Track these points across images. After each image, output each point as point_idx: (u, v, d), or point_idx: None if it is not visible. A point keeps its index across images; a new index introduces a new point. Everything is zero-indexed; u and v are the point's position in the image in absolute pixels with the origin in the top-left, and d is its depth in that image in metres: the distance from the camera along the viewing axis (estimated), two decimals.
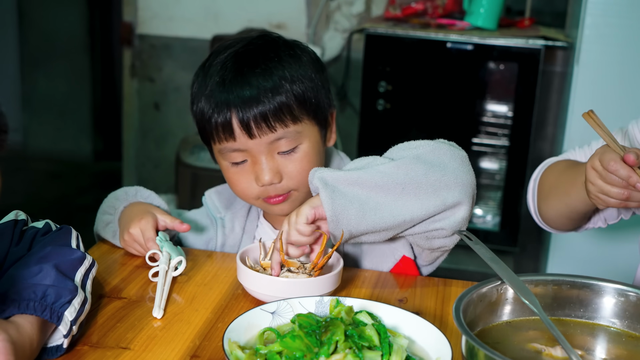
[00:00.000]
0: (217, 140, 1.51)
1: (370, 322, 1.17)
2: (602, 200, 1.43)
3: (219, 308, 1.36)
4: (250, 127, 1.46)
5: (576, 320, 1.25)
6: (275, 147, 1.50)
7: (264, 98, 1.46)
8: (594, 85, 2.84)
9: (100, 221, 1.67)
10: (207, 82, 1.50)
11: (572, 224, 1.69)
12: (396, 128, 3.41)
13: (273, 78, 1.48)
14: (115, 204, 1.65)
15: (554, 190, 1.65)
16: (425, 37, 3.28)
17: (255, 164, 1.51)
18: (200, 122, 1.53)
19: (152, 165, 4.18)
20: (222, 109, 1.47)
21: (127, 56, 4.09)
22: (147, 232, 1.54)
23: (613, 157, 1.37)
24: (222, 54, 1.53)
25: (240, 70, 1.49)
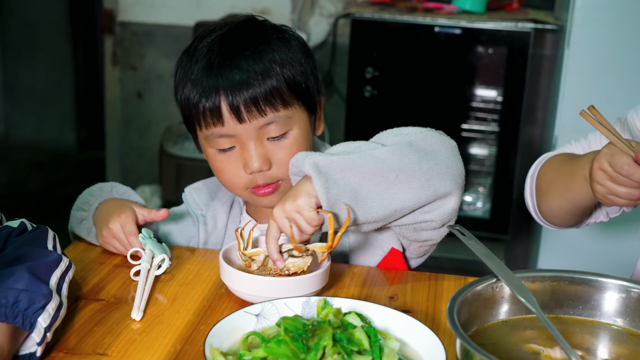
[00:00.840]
0: (205, 125, 1.45)
1: (360, 324, 1.12)
2: (611, 200, 1.37)
3: (202, 309, 1.30)
4: (240, 112, 1.42)
5: (575, 318, 1.20)
6: (265, 133, 1.45)
7: (254, 81, 1.42)
8: (585, 68, 2.79)
9: (74, 218, 1.61)
10: (192, 67, 1.45)
11: (574, 219, 1.64)
12: (384, 115, 3.35)
13: (263, 61, 1.44)
14: (89, 200, 1.59)
15: (553, 186, 1.59)
16: (413, 21, 3.22)
17: (243, 150, 1.45)
18: (186, 109, 1.47)
19: (135, 155, 4.11)
20: (210, 93, 1.42)
21: (109, 44, 4.01)
22: (127, 227, 1.47)
23: (626, 161, 1.31)
24: (207, 37, 1.48)
25: (228, 53, 1.44)
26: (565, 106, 2.83)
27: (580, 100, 2.81)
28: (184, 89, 1.46)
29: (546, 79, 3.44)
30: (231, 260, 1.39)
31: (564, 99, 2.82)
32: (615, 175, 1.33)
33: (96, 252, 1.52)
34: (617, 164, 1.31)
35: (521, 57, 3.17)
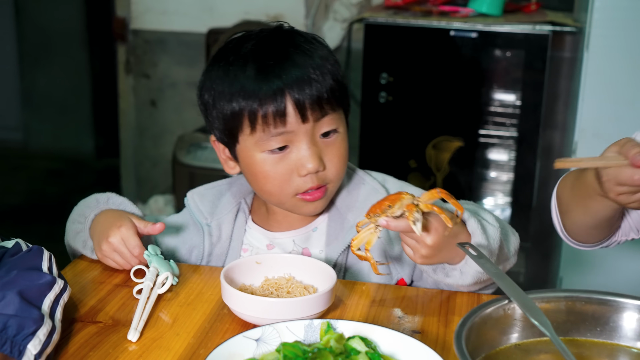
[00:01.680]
0: (263, 128, 1.39)
1: (364, 349, 1.06)
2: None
3: (202, 331, 1.25)
4: (305, 109, 1.39)
5: (593, 340, 1.13)
6: (319, 129, 1.42)
7: (313, 76, 1.40)
8: (605, 71, 2.72)
9: (70, 230, 1.58)
10: (240, 74, 1.40)
11: (600, 234, 1.56)
12: (399, 121, 3.29)
13: (314, 58, 1.42)
14: (85, 212, 1.55)
15: (573, 203, 1.52)
16: (427, 25, 3.15)
17: (298, 151, 1.41)
18: (236, 117, 1.42)
19: (150, 163, 4.08)
20: (275, 93, 1.38)
21: (122, 52, 3.98)
22: (130, 240, 1.43)
23: (631, 173, 1.22)
24: (245, 44, 1.44)
25: (280, 52, 1.41)
26: (585, 110, 2.75)
27: (601, 103, 2.74)
28: (231, 97, 1.41)
29: (566, 82, 3.36)
30: (233, 279, 1.34)
31: (584, 103, 2.75)
32: (632, 188, 1.26)
33: (96, 271, 1.47)
34: (626, 180, 1.23)
35: (539, 60, 3.10)
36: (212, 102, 1.46)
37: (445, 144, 3.28)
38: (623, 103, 2.66)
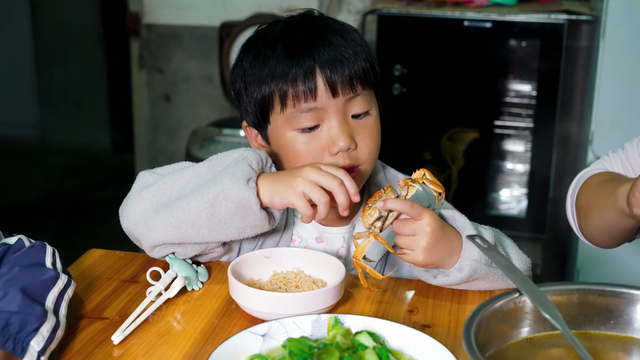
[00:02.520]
0: (293, 103, 1.39)
1: (372, 344, 1.05)
2: None
3: (209, 327, 1.24)
4: (335, 84, 1.38)
5: (606, 334, 1.11)
6: (349, 109, 1.41)
7: (345, 53, 1.40)
8: (622, 60, 2.68)
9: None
10: (268, 56, 1.41)
11: (614, 242, 1.54)
12: (413, 113, 3.26)
13: (347, 38, 1.43)
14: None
15: (592, 207, 1.50)
16: (441, 15, 3.12)
17: (329, 129, 1.40)
18: (266, 96, 1.42)
19: (164, 158, 4.07)
20: (303, 66, 1.38)
21: (135, 47, 3.97)
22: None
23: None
24: (276, 27, 1.45)
25: (312, 32, 1.42)
26: (601, 100, 2.72)
27: (617, 93, 2.70)
28: (262, 78, 1.42)
29: (582, 71, 3.32)
30: (241, 274, 1.33)
31: (600, 92, 2.72)
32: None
33: (104, 266, 1.46)
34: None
35: (555, 50, 3.06)
36: (244, 86, 1.46)
37: (460, 136, 3.25)
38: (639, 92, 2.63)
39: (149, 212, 1.34)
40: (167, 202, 1.33)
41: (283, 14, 1.46)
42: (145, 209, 1.35)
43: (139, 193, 1.36)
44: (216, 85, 3.83)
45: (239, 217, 1.30)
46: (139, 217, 1.35)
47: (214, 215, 1.30)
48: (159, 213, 1.33)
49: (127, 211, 1.37)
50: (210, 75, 3.88)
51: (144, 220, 1.35)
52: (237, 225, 1.32)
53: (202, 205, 1.30)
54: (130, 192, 1.40)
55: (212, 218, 1.31)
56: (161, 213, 1.33)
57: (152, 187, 1.36)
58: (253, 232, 1.34)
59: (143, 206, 1.35)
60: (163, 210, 1.33)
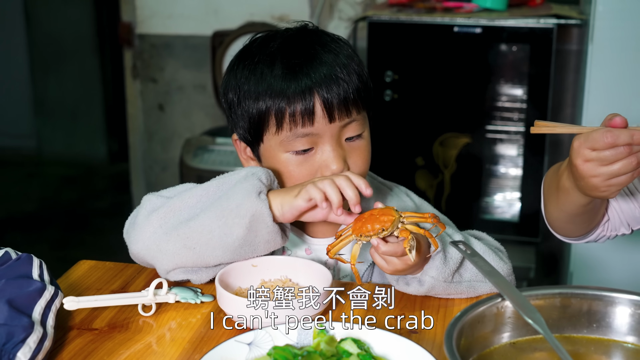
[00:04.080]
0: (290, 127, 1.38)
1: (356, 351, 1.06)
2: (616, 184, 1.23)
3: (198, 337, 1.25)
4: (333, 110, 1.38)
5: (588, 337, 1.12)
6: (344, 133, 1.41)
7: (341, 74, 1.39)
8: (610, 63, 2.69)
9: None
10: (268, 73, 1.40)
11: (575, 229, 1.54)
12: (405, 119, 3.27)
13: (340, 57, 1.42)
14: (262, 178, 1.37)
15: (547, 195, 1.51)
16: (431, 22, 3.13)
17: (322, 152, 1.41)
18: (262, 116, 1.41)
19: (159, 167, 4.09)
20: (303, 92, 1.38)
21: (128, 57, 3.99)
22: None
23: (603, 132, 1.20)
24: (271, 43, 1.44)
25: (308, 51, 1.41)
26: (591, 103, 2.73)
27: (606, 95, 2.71)
28: (258, 96, 1.40)
29: (573, 75, 3.34)
30: (229, 284, 1.34)
31: (590, 95, 2.73)
32: (602, 155, 1.20)
33: (93, 277, 1.47)
34: (598, 140, 1.20)
35: (545, 54, 3.07)
36: (237, 100, 1.45)
37: (452, 141, 3.26)
38: (629, 95, 2.64)
39: (159, 235, 1.34)
40: (178, 223, 1.34)
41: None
42: (155, 233, 1.35)
43: (147, 217, 1.36)
44: (209, 94, 3.85)
45: (253, 232, 1.31)
46: (150, 241, 1.35)
47: (227, 235, 1.31)
48: (171, 236, 1.34)
49: (136, 237, 1.37)
50: (203, 84, 3.89)
51: (156, 244, 1.35)
52: (250, 242, 1.33)
53: (215, 223, 1.31)
54: (136, 217, 1.39)
55: (225, 237, 1.31)
56: (173, 236, 1.33)
57: (160, 210, 1.36)
58: (266, 249, 1.35)
59: (152, 230, 1.35)
60: (174, 232, 1.33)
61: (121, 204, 4.71)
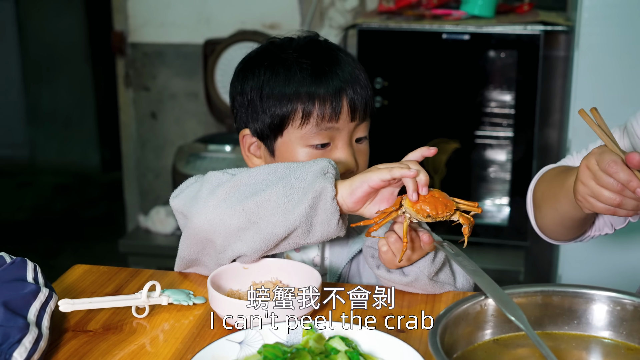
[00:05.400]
0: (318, 120, 1.46)
1: (344, 348, 1.09)
2: (591, 203, 1.31)
3: (190, 337, 1.28)
4: (356, 108, 1.48)
5: (569, 333, 1.16)
6: (356, 133, 1.52)
7: (360, 78, 1.50)
8: (596, 69, 2.73)
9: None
10: (291, 76, 1.48)
11: (568, 233, 1.58)
12: (395, 125, 3.30)
13: (354, 65, 1.52)
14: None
15: (545, 198, 1.55)
16: (420, 29, 3.17)
17: (338, 149, 1.49)
18: (288, 114, 1.47)
19: (152, 175, 4.11)
20: (332, 91, 1.46)
21: (121, 66, 4.02)
22: None
23: (614, 158, 1.25)
24: (290, 44, 1.53)
25: (329, 57, 1.50)
26: (577, 108, 2.74)
27: (592, 101, 2.73)
28: (287, 97, 1.47)
29: (560, 80, 3.38)
30: (220, 285, 1.37)
31: (576, 101, 2.77)
32: (599, 174, 1.27)
33: (88, 281, 1.50)
34: (605, 161, 1.26)
35: (532, 60, 3.11)
36: (258, 98, 1.50)
37: (442, 146, 3.30)
38: (614, 100, 2.68)
39: (223, 209, 1.33)
40: (243, 198, 1.33)
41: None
42: (219, 207, 1.34)
43: (212, 191, 1.35)
44: (202, 102, 3.88)
45: (314, 210, 1.31)
46: (212, 215, 1.34)
47: (289, 212, 1.31)
48: (235, 210, 1.33)
49: (198, 210, 1.36)
50: (195, 92, 3.92)
51: (219, 218, 1.34)
52: (309, 222, 1.32)
53: (280, 199, 1.32)
54: (199, 190, 1.38)
55: (288, 215, 1.31)
56: (237, 210, 1.33)
57: (225, 184, 1.35)
58: (321, 234, 1.34)
59: (215, 204, 1.34)
60: (239, 206, 1.33)
61: (114, 212, 4.73)
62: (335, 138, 1.49)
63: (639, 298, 1.12)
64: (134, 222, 4.00)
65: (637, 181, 1.23)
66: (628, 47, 2.69)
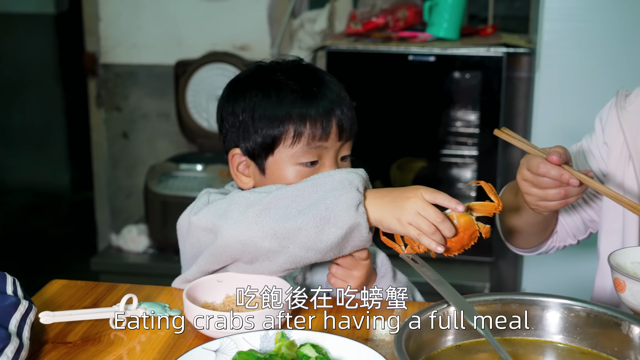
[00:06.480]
0: (309, 140, 1.52)
1: (315, 355, 1.15)
2: (544, 206, 1.42)
3: (167, 347, 1.33)
4: (343, 128, 1.55)
5: (527, 339, 1.23)
6: (341, 152, 1.58)
7: (346, 100, 1.58)
8: (556, 90, 2.83)
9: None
10: (282, 99, 1.54)
11: (533, 240, 1.67)
12: (363, 144, 3.36)
13: (335, 90, 1.58)
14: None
15: (508, 210, 1.64)
16: (387, 51, 3.26)
17: (325, 167, 1.55)
18: (279, 135, 1.54)
19: (124, 195, 4.15)
20: (322, 112, 1.52)
21: (93, 86, 4.06)
22: None
23: (540, 161, 1.38)
24: (278, 67, 1.60)
25: (316, 80, 1.57)
26: (539, 127, 2.86)
27: (553, 121, 2.84)
28: (279, 119, 1.53)
29: (523, 101, 3.48)
30: (195, 298, 1.42)
31: (538, 121, 2.86)
32: (536, 179, 1.38)
33: (66, 295, 1.54)
34: (534, 166, 1.37)
35: (495, 81, 3.21)
36: (250, 119, 1.56)
37: (408, 165, 3.38)
38: (573, 120, 2.77)
39: (255, 232, 1.38)
40: (274, 222, 1.38)
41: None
42: (251, 229, 1.38)
43: (243, 213, 1.39)
44: (173, 122, 3.92)
45: (346, 240, 1.39)
46: (244, 237, 1.39)
47: (321, 241, 1.37)
48: (267, 234, 1.38)
49: (230, 230, 1.40)
50: (167, 113, 3.97)
51: (252, 240, 1.39)
52: (341, 247, 1.40)
53: (312, 229, 1.37)
54: (228, 210, 1.42)
55: (319, 243, 1.38)
56: (269, 234, 1.37)
57: (255, 206, 1.39)
58: (351, 250, 1.43)
59: (247, 226, 1.38)
60: (271, 231, 1.37)
61: (85, 232, 4.74)
62: (323, 156, 1.55)
63: (591, 305, 1.19)
64: (106, 241, 4.03)
65: (567, 173, 1.35)
66: (586, 69, 2.79)
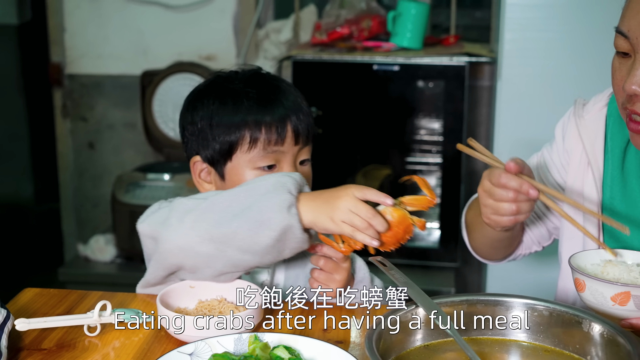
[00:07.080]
0: (265, 144, 1.57)
1: (287, 356, 1.18)
2: (495, 220, 1.44)
3: (141, 352, 1.35)
4: (299, 133, 1.59)
5: (492, 338, 1.27)
6: (300, 156, 1.63)
7: (302, 106, 1.62)
8: (517, 99, 2.89)
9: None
10: (239, 106, 1.58)
11: (498, 253, 1.71)
12: (329, 152, 3.42)
13: (293, 96, 1.63)
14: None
15: (474, 223, 1.68)
16: (352, 60, 3.31)
17: (282, 170, 1.59)
18: (236, 141, 1.58)
19: (90, 205, 4.14)
20: (277, 118, 1.57)
21: (58, 96, 4.06)
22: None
23: (501, 172, 1.40)
24: (234, 79, 1.64)
25: (275, 84, 1.63)
26: (501, 135, 2.92)
27: (514, 129, 2.90)
28: (235, 126, 1.58)
29: (486, 109, 3.54)
30: (169, 304, 1.44)
31: (500, 129, 2.92)
32: (493, 190, 1.40)
33: (39, 303, 1.56)
34: (495, 177, 1.40)
35: (458, 90, 3.27)
36: (208, 127, 1.61)
37: (374, 173, 3.43)
38: (534, 128, 2.82)
39: (192, 237, 1.41)
40: (210, 227, 1.40)
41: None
42: (188, 235, 1.40)
43: (180, 219, 1.42)
44: (139, 132, 3.93)
45: (281, 242, 1.41)
46: (183, 243, 1.42)
47: (256, 244, 1.40)
48: (204, 239, 1.40)
49: (169, 237, 1.43)
50: (133, 123, 3.98)
51: (190, 246, 1.41)
52: (278, 249, 1.42)
53: (246, 233, 1.39)
54: (168, 218, 1.44)
55: (255, 246, 1.40)
56: (206, 239, 1.40)
57: (192, 212, 1.42)
58: (291, 253, 1.45)
59: (184, 232, 1.41)
60: (207, 236, 1.40)
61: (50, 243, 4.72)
62: (280, 160, 1.60)
63: (553, 304, 1.24)
64: (72, 251, 4.02)
65: (526, 184, 1.37)
66: (546, 77, 2.86)
